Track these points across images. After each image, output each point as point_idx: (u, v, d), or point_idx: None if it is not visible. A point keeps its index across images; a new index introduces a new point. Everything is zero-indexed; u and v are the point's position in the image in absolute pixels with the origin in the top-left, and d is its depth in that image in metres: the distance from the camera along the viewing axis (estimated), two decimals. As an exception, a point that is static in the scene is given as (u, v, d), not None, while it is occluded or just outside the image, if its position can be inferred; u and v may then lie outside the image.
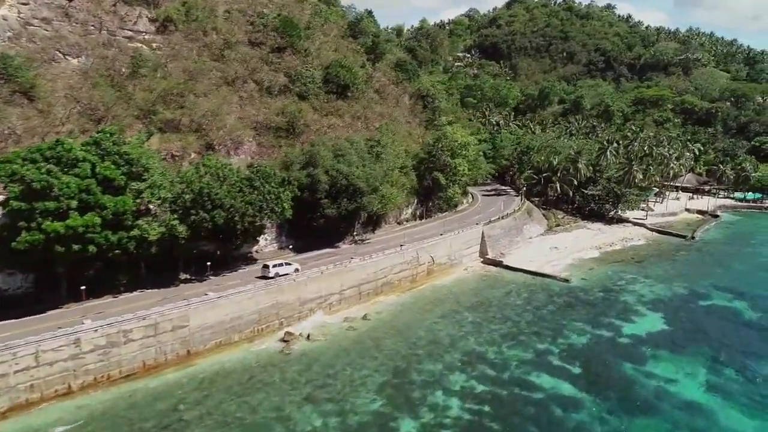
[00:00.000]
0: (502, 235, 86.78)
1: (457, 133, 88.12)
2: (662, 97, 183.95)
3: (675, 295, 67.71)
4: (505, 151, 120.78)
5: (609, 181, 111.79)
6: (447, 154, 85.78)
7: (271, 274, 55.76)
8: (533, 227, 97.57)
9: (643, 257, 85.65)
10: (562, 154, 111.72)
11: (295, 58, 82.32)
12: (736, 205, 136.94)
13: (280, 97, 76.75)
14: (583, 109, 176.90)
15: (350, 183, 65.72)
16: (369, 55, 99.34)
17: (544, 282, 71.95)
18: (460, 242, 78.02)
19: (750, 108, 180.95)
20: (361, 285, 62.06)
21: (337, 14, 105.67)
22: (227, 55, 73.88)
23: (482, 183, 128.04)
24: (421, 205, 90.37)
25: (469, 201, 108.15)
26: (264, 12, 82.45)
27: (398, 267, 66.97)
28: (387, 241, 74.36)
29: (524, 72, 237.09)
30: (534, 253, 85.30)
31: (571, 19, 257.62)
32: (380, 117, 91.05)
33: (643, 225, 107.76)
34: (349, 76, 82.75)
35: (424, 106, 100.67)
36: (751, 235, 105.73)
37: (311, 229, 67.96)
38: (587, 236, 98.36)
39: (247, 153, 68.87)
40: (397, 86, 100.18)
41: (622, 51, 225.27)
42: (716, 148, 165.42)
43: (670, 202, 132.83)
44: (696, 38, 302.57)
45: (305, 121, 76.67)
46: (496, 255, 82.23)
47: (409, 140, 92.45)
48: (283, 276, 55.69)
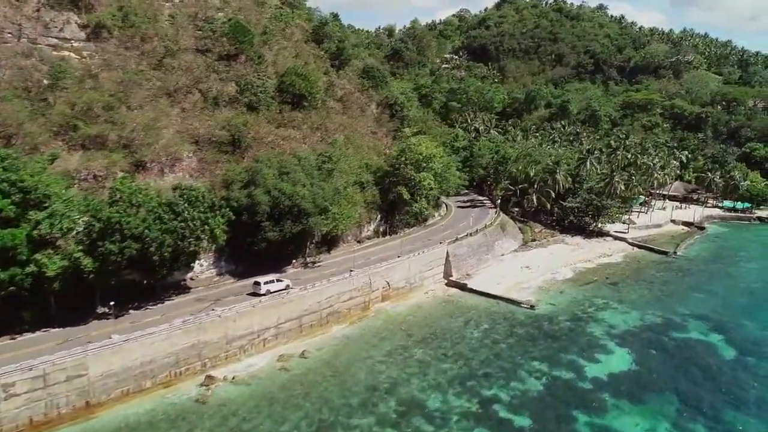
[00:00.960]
0: (470, 253, 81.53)
1: (422, 144, 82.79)
2: (651, 101, 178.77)
3: (647, 325, 62.53)
4: (483, 160, 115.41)
5: (589, 193, 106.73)
6: (411, 168, 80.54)
7: (263, 291, 55.26)
8: (506, 242, 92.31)
9: (619, 278, 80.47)
10: (540, 164, 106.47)
11: (247, 66, 77.04)
12: (724, 215, 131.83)
13: (227, 109, 71.50)
14: (569, 113, 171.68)
15: (294, 204, 60.43)
16: (334, 61, 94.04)
17: (508, 309, 66.75)
18: (420, 264, 72.78)
19: (741, 113, 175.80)
20: (302, 317, 56.80)
21: (302, 17, 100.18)
22: (169, 64, 68.46)
23: (460, 193, 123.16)
24: (385, 221, 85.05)
25: (442, 213, 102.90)
26: (213, 16, 76.99)
27: (347, 294, 61.70)
28: (342, 262, 69.11)
29: (512, 74, 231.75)
30: (503, 273, 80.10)
31: (560, 20, 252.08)
32: (342, 128, 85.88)
33: (624, 239, 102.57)
34: (304, 85, 77.37)
35: (392, 115, 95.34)
36: (736, 250, 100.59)
37: (255, 253, 62.64)
38: (563, 252, 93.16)
39: (185, 170, 63.48)
40: (363, 94, 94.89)
41: (611, 53, 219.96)
42: (706, 155, 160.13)
43: (656, 212, 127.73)
44: (689, 39, 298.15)
45: (255, 134, 71.48)
46: (462, 276, 77.03)
47: (372, 152, 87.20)
48: (275, 293, 55.73)
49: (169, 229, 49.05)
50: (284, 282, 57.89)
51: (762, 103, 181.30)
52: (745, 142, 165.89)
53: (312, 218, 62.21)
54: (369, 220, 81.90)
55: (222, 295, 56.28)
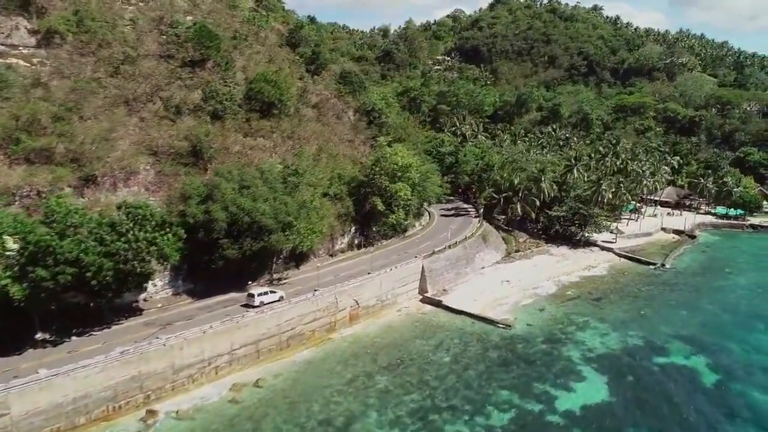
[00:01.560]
0: (448, 267, 78.24)
1: (398, 154, 79.47)
2: (644, 105, 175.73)
3: (628, 348, 59.22)
4: (468, 166, 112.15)
5: (577, 201, 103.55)
6: (385, 178, 77.26)
7: (256, 303, 55.04)
8: (488, 254, 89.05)
9: (602, 293, 77.24)
10: (525, 172, 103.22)
11: (214, 73, 73.70)
12: (717, 222, 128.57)
13: (190, 118, 68.14)
14: (561, 117, 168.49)
15: (254, 220, 57.10)
16: (310, 66, 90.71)
17: (483, 329, 63.45)
18: (393, 280, 69.47)
19: (735, 116, 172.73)
20: (259, 341, 53.45)
21: (279, 20, 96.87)
22: (127, 71, 65.06)
23: (445, 200, 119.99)
24: (360, 233, 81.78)
25: (424, 223, 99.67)
26: (178, 20, 73.60)
27: (310, 316, 58.37)
28: (311, 279, 65.80)
29: (505, 76, 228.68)
30: (482, 288, 76.81)
31: (554, 21, 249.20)
32: (315, 136, 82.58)
33: (611, 249, 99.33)
34: (274, 92, 74.00)
35: (370, 122, 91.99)
36: (726, 261, 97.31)
37: (215, 271, 59.32)
38: (547, 264, 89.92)
39: (141, 184, 60.07)
40: (340, 100, 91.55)
41: (605, 55, 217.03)
42: (699, 159, 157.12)
43: (647, 219, 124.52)
44: (685, 40, 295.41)
45: (221, 144, 68.29)
46: (438, 292, 73.75)
47: (347, 161, 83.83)
48: (269, 305, 55.35)
49: (111, 252, 45.75)
50: (278, 293, 57.84)
51: (757, 107, 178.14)
52: (739, 146, 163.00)
53: (274, 235, 58.91)
54: (342, 232, 78.64)
55: (176, 317, 52.99)
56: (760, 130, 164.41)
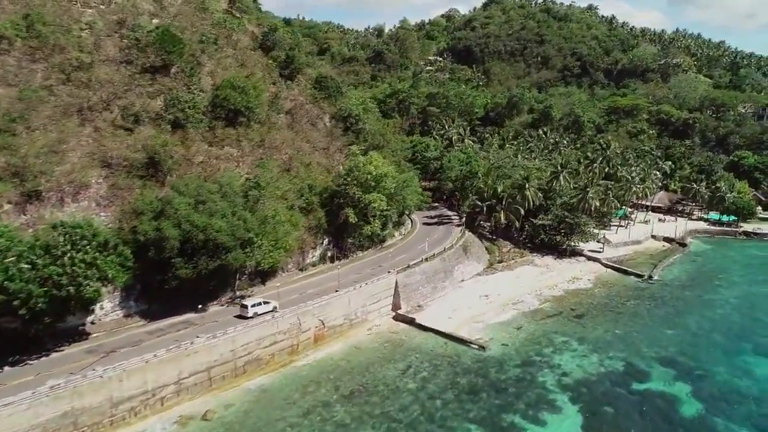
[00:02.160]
0: (424, 281, 74.96)
1: (372, 163, 76.06)
2: (637, 107, 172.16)
3: (607, 372, 55.93)
4: (452, 172, 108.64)
5: (563, 208, 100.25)
6: (358, 189, 73.88)
7: (250, 314, 55.30)
8: (468, 266, 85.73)
9: (585, 308, 73.96)
10: (510, 179, 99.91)
11: (178, 79, 70.29)
12: (709, 229, 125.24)
13: (150, 127, 64.72)
14: (552, 119, 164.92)
15: (209, 238, 53.76)
16: (284, 70, 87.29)
17: (456, 350, 60.18)
18: (364, 297, 66.15)
19: (730, 119, 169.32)
20: (211, 368, 50.14)
21: (253, 22, 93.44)
22: (82, 78, 61.62)
23: (429, 207, 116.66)
24: (334, 245, 78.43)
25: (405, 232, 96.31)
26: (140, 24, 70.15)
27: (269, 339, 55.06)
28: (277, 296, 62.61)
29: (497, 77, 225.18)
30: (459, 303, 73.51)
31: (547, 22, 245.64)
32: (286, 144, 79.15)
33: (598, 260, 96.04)
34: (241, 99, 70.58)
35: (346, 128, 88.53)
36: (717, 272, 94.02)
37: (171, 291, 55.98)
38: (530, 276, 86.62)
39: (91, 199, 56.68)
40: (315, 106, 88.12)
41: (598, 56, 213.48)
42: (692, 163, 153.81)
43: (637, 226, 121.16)
44: (682, 40, 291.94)
45: (184, 155, 65.08)
46: (412, 308, 70.48)
47: (321, 170, 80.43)
48: (262, 315, 55.62)
49: (43, 277, 42.42)
50: (271, 304, 57.58)
51: (752, 109, 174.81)
52: (733, 149, 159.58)
53: (232, 253, 55.59)
54: (314, 245, 75.26)
55: (123, 343, 49.72)
56: (755, 133, 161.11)
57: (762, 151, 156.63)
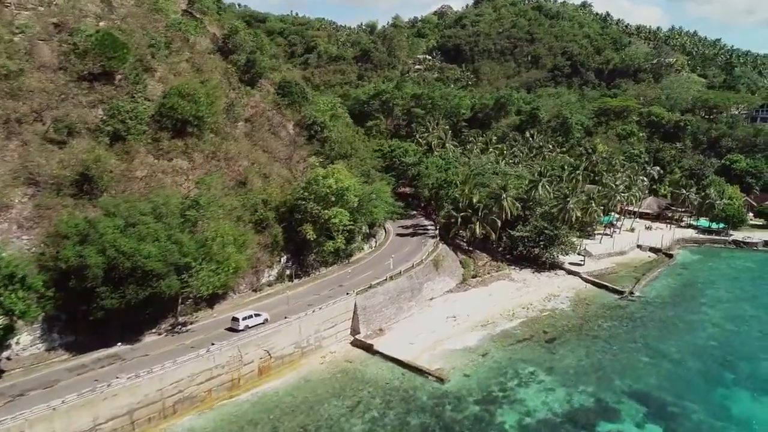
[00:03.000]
0: (387, 302, 70.40)
1: (333, 176, 71.36)
2: (627, 108, 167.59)
3: (573, 410, 51.39)
4: (429, 180, 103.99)
5: (543, 219, 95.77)
6: (317, 204, 69.23)
7: (241, 327, 55.51)
8: (439, 283, 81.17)
9: (559, 331, 69.41)
10: (487, 188, 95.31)
11: (122, 87, 65.49)
12: (698, 238, 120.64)
13: (86, 140, 60.02)
14: (539, 121, 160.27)
15: (136, 265, 49.12)
16: (245, 75, 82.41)
17: (412, 383, 55.67)
18: (318, 322, 61.58)
19: (722, 121, 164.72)
20: (134, 411, 45.56)
21: (215, 24, 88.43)
22: (6, 87, 56.73)
23: (405, 216, 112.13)
24: (293, 262, 73.83)
25: (376, 244, 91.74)
26: (78, 28, 65.25)
27: (204, 374, 50.44)
28: (226, 321, 58.25)
29: (487, 77, 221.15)
30: (424, 326, 68.99)
31: (539, 19, 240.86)
32: (246, 154, 74.54)
33: (578, 274, 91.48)
34: (189, 108, 65.77)
35: (311, 137, 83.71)
36: (703, 287, 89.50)
37: (100, 320, 51.37)
38: (505, 293, 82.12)
39: (12, 221, 52.01)
40: (278, 113, 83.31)
41: (589, 55, 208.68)
42: (683, 167, 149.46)
43: (623, 234, 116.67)
44: (677, 38, 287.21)
45: (125, 169, 60.53)
46: (372, 333, 65.95)
47: (277, 183, 75.66)
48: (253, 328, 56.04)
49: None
50: (262, 316, 57.90)
51: (745, 110, 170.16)
52: (725, 152, 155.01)
53: (165, 280, 50.99)
54: (270, 263, 70.65)
55: (39, 382, 45.21)
56: (748, 135, 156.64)
57: (755, 155, 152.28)
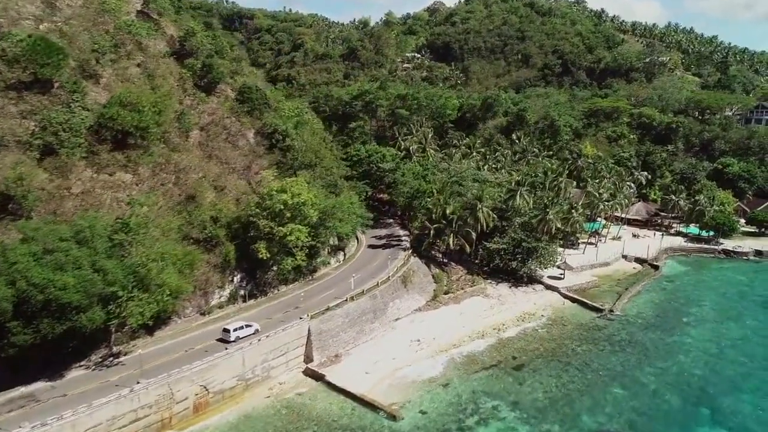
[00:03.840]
0: (347, 325, 65.92)
1: (290, 190, 66.69)
2: (618, 109, 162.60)
3: (532, 454, 47.17)
4: (405, 187, 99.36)
5: (523, 229, 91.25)
6: (269, 222, 64.60)
7: (232, 338, 55.46)
8: (406, 301, 76.67)
9: (529, 357, 64.95)
10: (462, 198, 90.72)
11: (57, 96, 60.85)
12: (686, 247, 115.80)
13: (15, 154, 55.50)
14: (527, 123, 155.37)
15: (50, 298, 44.62)
16: (201, 80, 77.66)
17: (362, 420, 51.27)
18: (265, 351, 57.10)
19: (716, 122, 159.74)
20: (42, 463, 41.19)
21: (172, 26, 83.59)
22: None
23: (382, 224, 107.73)
24: (248, 281, 69.30)
25: (344, 258, 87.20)
26: (10, 32, 60.52)
27: (129, 416, 45.97)
28: (169, 350, 53.96)
29: (476, 76, 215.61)
30: (385, 351, 64.50)
31: (530, 17, 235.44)
32: (199, 166, 69.95)
33: (557, 289, 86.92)
34: (131, 118, 61.12)
35: (271, 146, 78.95)
36: (687, 304, 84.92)
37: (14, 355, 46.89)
38: (477, 311, 77.64)
39: None
40: (237, 121, 78.53)
41: (581, 54, 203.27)
42: (674, 171, 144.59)
43: (609, 243, 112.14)
44: (673, 35, 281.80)
45: (58, 186, 56.11)
46: (327, 360, 61.51)
47: (233, 196, 71.06)
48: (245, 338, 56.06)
49: None
50: (253, 327, 57.92)
51: (740, 112, 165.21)
52: (718, 155, 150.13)
53: (86, 313, 46.51)
54: (221, 284, 66.09)
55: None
56: (741, 137, 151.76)
57: (748, 158, 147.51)
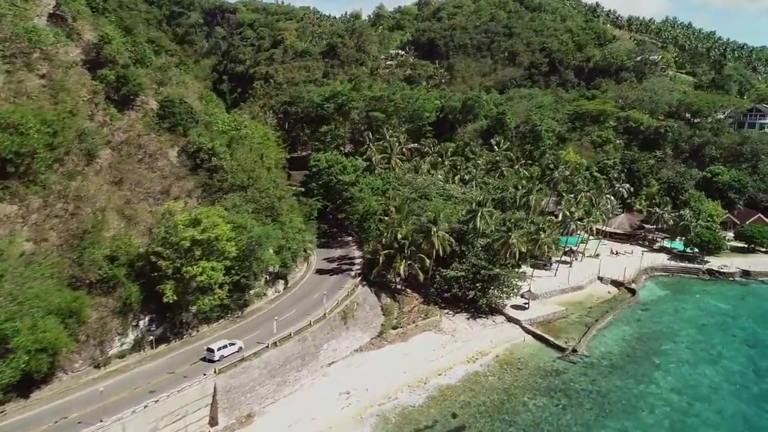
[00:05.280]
0: (265, 377, 57.97)
1: (208, 219, 58.55)
2: (604, 112, 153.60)
3: None
4: (360, 205, 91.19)
5: (485, 251, 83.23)
6: (171, 263, 56.53)
7: (216, 358, 56.03)
8: (346, 340, 68.80)
9: (472, 413, 56.94)
10: (417, 219, 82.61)
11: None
12: (669, 266, 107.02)
13: None
14: (507, 127, 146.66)
15: None
16: (116, 93, 69.36)
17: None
18: (156, 417, 49.19)
19: (707, 126, 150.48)
20: None
21: (88, 32, 75.07)
22: None
23: (339, 243, 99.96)
24: (158, 323, 61.38)
25: (285, 287, 79.31)
26: None
27: None
28: (37, 419, 46.23)
29: (461, 74, 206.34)
30: (308, 406, 56.63)
31: (519, 12, 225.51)
32: (107, 192, 61.87)
33: (518, 322, 78.79)
34: (10, 143, 53.03)
35: (196, 166, 70.70)
36: (662, 339, 76.48)
37: None
38: (425, 350, 69.70)
39: None
40: (157, 139, 70.28)
41: (570, 51, 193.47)
42: (661, 179, 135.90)
43: (585, 261, 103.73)
44: (670, 30, 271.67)
45: None
46: (236, 422, 53.72)
47: (145, 225, 62.97)
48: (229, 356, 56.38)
49: None
50: (236, 344, 58.87)
51: (733, 115, 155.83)
52: (709, 162, 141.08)
53: None
54: (122, 329, 58.16)
55: None
56: (733, 143, 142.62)
57: (740, 165, 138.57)
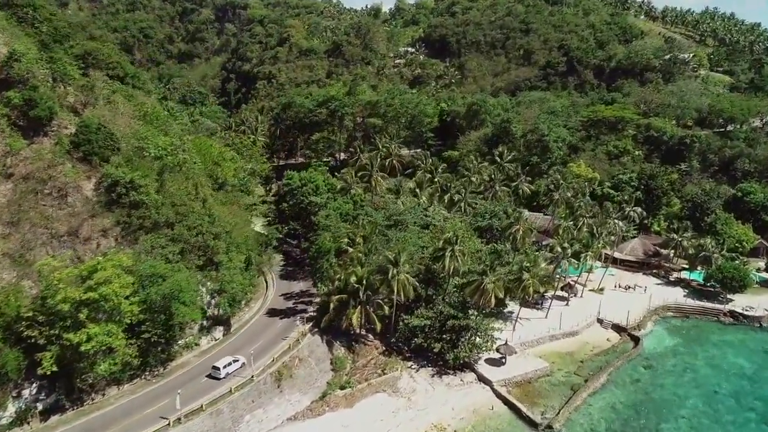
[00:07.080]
0: (161, 464, 49.18)
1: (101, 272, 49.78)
2: (622, 119, 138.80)
3: None
4: (324, 238, 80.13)
5: (457, 295, 72.60)
6: (49, 329, 47.95)
7: (222, 375, 57.98)
8: (279, 406, 59.18)
9: None
10: (378, 258, 72.31)
11: None
12: (684, 305, 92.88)
13: None
14: (512, 136, 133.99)
15: None
16: (22, 118, 61.07)
17: None
18: None
19: (741, 136, 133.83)
20: None
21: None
22: None
23: (301, 276, 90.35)
24: (51, 390, 53.04)
25: (226, 332, 70.49)
26: None
27: None
28: None
29: (472, 74, 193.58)
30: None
31: (538, 6, 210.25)
32: None
33: (491, 383, 67.36)
34: None
35: (113, 201, 61.76)
36: (660, 413, 63.51)
37: None
38: (371, 420, 59.61)
39: None
40: (70, 170, 61.77)
41: (589, 49, 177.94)
42: (684, 196, 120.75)
43: (586, 297, 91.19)
44: (709, 22, 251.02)
45: None
46: None
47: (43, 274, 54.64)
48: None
49: None
50: (240, 361, 60.59)
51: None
52: (741, 177, 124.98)
53: None
54: (1, 401, 50.13)
55: None
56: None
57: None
